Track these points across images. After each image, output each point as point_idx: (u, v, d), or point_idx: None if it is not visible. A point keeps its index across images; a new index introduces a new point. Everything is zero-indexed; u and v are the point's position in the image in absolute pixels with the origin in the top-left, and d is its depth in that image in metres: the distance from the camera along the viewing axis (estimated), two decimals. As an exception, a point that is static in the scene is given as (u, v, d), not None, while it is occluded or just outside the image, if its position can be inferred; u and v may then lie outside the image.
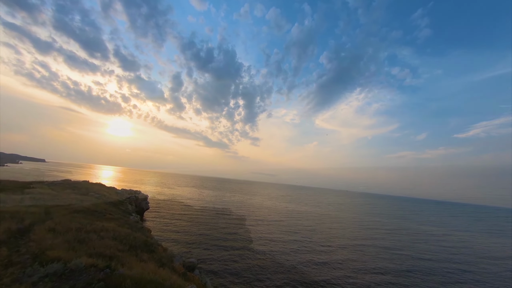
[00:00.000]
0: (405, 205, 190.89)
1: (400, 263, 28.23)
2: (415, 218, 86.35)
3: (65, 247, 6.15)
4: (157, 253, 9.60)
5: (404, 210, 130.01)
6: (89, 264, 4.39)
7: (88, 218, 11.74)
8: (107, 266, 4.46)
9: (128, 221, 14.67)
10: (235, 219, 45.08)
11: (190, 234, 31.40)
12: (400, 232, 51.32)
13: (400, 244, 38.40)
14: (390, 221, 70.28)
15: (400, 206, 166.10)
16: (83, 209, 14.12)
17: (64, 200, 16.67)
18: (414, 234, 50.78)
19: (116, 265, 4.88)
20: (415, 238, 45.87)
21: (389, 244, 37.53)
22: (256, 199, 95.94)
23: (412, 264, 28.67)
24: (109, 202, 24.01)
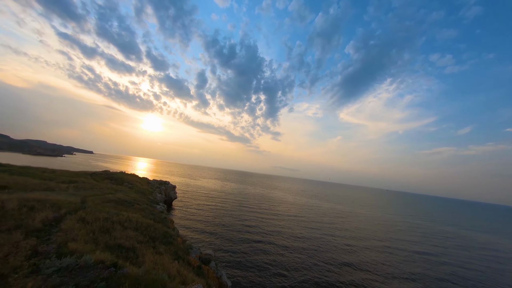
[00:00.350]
0: (443, 206, 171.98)
1: (436, 271, 25.38)
2: (455, 221, 77.07)
3: (87, 238, 6.57)
4: (175, 245, 9.90)
5: (441, 211, 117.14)
6: (99, 260, 4.53)
7: (117, 208, 12.71)
8: (113, 264, 4.55)
9: (153, 211, 15.59)
10: (255, 212, 45.55)
11: (212, 225, 32.56)
12: (439, 236, 46.15)
13: (437, 250, 34.49)
14: (425, 223, 63.87)
15: (436, 207, 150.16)
16: (115, 198, 15.39)
17: (101, 190, 18.47)
18: (455, 239, 45.27)
19: (124, 262, 4.98)
20: (456, 243, 40.89)
21: (424, 249, 33.92)
22: (277, 193, 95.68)
23: (450, 272, 25.58)
24: (139, 192, 26.06)
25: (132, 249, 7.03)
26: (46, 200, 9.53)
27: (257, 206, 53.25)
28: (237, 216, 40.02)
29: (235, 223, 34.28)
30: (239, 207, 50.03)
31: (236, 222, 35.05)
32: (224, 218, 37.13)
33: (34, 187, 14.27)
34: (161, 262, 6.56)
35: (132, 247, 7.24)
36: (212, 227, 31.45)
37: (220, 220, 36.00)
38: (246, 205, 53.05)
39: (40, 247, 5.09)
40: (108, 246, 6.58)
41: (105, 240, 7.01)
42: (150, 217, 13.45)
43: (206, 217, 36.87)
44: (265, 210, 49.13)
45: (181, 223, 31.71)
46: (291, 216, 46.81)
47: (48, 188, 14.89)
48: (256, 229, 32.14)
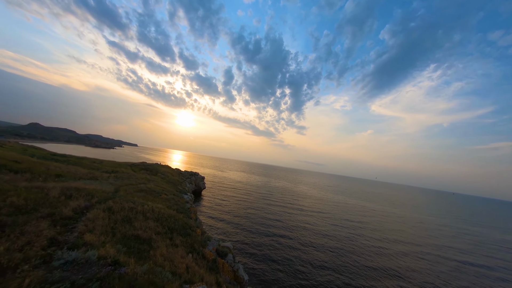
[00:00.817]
0: (503, 211, 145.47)
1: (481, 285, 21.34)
2: None
3: (106, 229, 6.87)
4: (192, 237, 9.97)
5: (502, 217, 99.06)
6: (102, 255, 4.53)
7: (145, 198, 13.52)
8: (114, 261, 4.49)
9: (178, 201, 16.30)
10: (279, 206, 44.98)
11: (235, 216, 33.16)
12: (498, 246, 38.80)
13: (495, 263, 28.87)
14: (480, 230, 54.68)
15: (493, 211, 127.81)
16: (146, 188, 16.53)
17: (136, 180, 20.17)
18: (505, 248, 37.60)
19: (128, 259, 4.92)
20: None
21: (478, 260, 28.63)
22: (301, 187, 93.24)
23: None
24: (170, 182, 27.89)
25: (148, 241, 7.17)
26: (84, 189, 10.55)
27: (280, 200, 52.61)
28: (261, 208, 40.08)
29: (258, 216, 34.29)
30: (263, 199, 50.11)
31: (259, 215, 35.05)
32: (247, 210, 37.55)
33: (81, 176, 16.20)
34: (171, 257, 6.50)
35: (149, 238, 7.40)
36: (235, 218, 31.99)
37: (243, 211, 36.50)
38: (270, 198, 52.86)
39: (61, 236, 5.40)
40: (125, 237, 6.81)
41: (124, 230, 7.29)
42: (174, 207, 14.00)
43: (230, 208, 37.80)
44: (289, 204, 48.21)
45: (207, 213, 33.12)
46: (315, 211, 44.94)
47: (92, 177, 16.78)
48: (279, 223, 31.59)
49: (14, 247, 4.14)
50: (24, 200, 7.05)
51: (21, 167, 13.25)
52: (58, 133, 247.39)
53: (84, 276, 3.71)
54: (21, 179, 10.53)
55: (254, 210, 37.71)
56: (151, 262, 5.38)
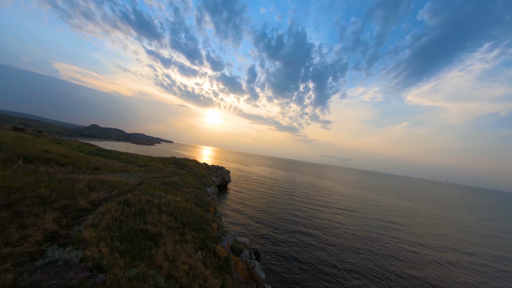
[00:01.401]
0: None
1: None
2: None
3: (112, 223, 6.68)
4: (206, 232, 9.47)
5: None
6: (87, 256, 4.08)
7: (167, 190, 13.67)
8: (96, 265, 3.99)
9: (198, 195, 16.28)
10: (302, 201, 43.00)
11: (258, 210, 32.61)
12: None
13: None
14: (544, 236, 44.06)
15: None
16: (170, 181, 16.94)
17: (163, 173, 21.08)
18: None
19: (117, 261, 4.41)
20: None
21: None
22: (326, 183, 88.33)
23: None
24: (195, 175, 28.72)
25: (155, 236, 6.81)
26: (110, 181, 11.00)
27: (305, 195, 50.35)
28: (284, 203, 38.79)
29: (281, 211, 33.13)
30: (286, 194, 48.61)
31: (282, 210, 33.86)
32: (270, 205, 36.69)
33: (116, 169, 17.42)
34: (175, 256, 5.94)
35: (157, 233, 7.05)
36: (258, 212, 31.40)
37: (266, 206, 35.76)
38: (294, 193, 51.02)
39: (63, 230, 5.25)
40: (131, 231, 6.54)
41: (132, 225, 7.05)
42: (193, 200, 13.87)
43: (253, 202, 37.45)
44: (313, 200, 45.74)
45: (230, 206, 33.33)
46: (342, 208, 41.62)
47: (125, 170, 17.95)
48: (303, 220, 29.90)
49: (9, 241, 4.01)
50: (50, 191, 7.42)
51: (67, 161, 14.72)
52: (110, 132, 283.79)
53: (57, 283, 3.27)
54: (62, 171, 11.55)
55: (277, 205, 36.68)
56: (144, 264, 4.85)
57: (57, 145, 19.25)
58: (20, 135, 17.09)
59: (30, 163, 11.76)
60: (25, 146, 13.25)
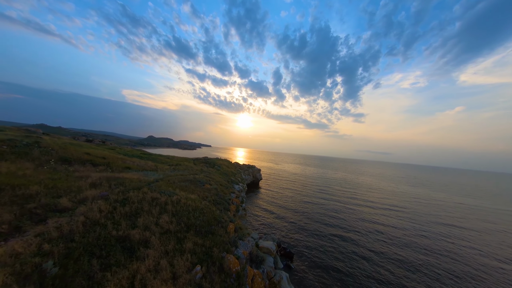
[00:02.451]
0: None
1: None
2: None
3: (75, 230, 5.11)
4: (215, 236, 7.32)
5: None
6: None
7: (185, 187, 12.30)
8: None
9: (220, 192, 14.54)
10: (338, 199, 37.47)
11: (289, 209, 29.35)
12: None
13: None
14: None
15: None
16: (192, 178, 15.80)
17: (190, 171, 20.45)
18: None
19: None
20: None
21: None
22: (364, 179, 77.26)
23: None
24: (223, 173, 27.66)
25: (137, 246, 4.99)
26: (122, 178, 10.18)
27: (340, 193, 44.13)
28: (317, 202, 34.32)
29: (314, 210, 29.03)
30: (320, 192, 43.49)
31: (315, 209, 29.69)
32: (303, 203, 32.87)
33: (146, 168, 17.38)
34: (146, 281, 3.89)
35: (143, 241, 5.23)
36: (289, 212, 28.16)
37: (298, 204, 32.13)
38: (327, 191, 45.36)
39: (24, 228, 3.83)
40: (102, 240, 4.84)
41: (108, 231, 5.38)
42: (212, 198, 12.08)
43: (285, 201, 34.29)
44: (351, 199, 39.42)
45: (260, 205, 31.04)
46: (387, 207, 34.32)
47: (153, 169, 17.83)
48: (340, 221, 25.17)
49: None
50: (45, 188, 6.61)
51: (103, 162, 15.14)
52: (162, 141, 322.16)
53: None
54: (88, 170, 11.51)
55: (310, 204, 32.57)
56: None
57: (103, 150, 20.71)
58: (73, 141, 19.00)
59: (67, 163, 12.12)
60: (69, 150, 14.11)
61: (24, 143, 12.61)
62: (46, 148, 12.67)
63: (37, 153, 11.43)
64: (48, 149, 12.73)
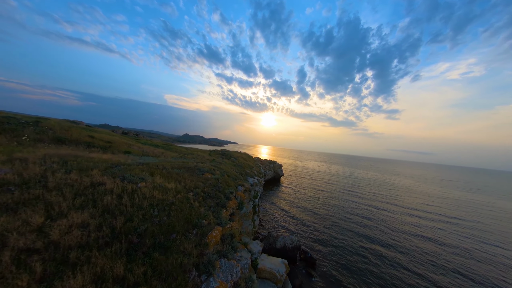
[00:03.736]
0: None
1: None
2: None
3: None
4: (172, 255, 3.96)
5: None
6: None
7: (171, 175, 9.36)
8: None
9: (223, 182, 11.27)
10: (369, 203, 30.48)
11: (311, 210, 24.44)
12: None
13: None
14: None
15: None
16: (192, 166, 12.99)
17: (197, 159, 17.95)
18: None
19: None
20: None
21: None
22: (401, 180, 64.56)
23: None
24: (238, 165, 24.67)
25: None
26: (90, 158, 7.82)
27: (371, 195, 36.40)
28: (344, 203, 28.28)
29: (341, 214, 23.44)
30: (347, 192, 36.70)
31: (342, 212, 24.03)
32: (328, 204, 27.39)
33: (148, 153, 15.47)
34: None
35: None
36: (311, 213, 23.27)
37: (323, 205, 26.86)
38: (356, 191, 38.06)
39: None
40: None
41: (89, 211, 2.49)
42: (204, 189, 8.84)
43: (308, 199, 29.37)
44: (386, 203, 31.70)
45: (279, 203, 26.97)
46: (437, 217, 25.93)
47: (157, 155, 15.84)
48: (373, 230, 18.97)
49: None
50: None
51: (104, 145, 13.70)
52: (195, 138, 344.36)
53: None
54: (67, 149, 9.75)
55: (336, 206, 26.84)
56: None
57: (120, 137, 19.93)
58: (78, 126, 18.33)
59: (60, 143, 10.67)
60: (69, 132, 13.06)
61: (22, 122, 11.89)
62: (43, 128, 11.72)
63: (29, 131, 10.26)
64: (45, 128, 11.76)
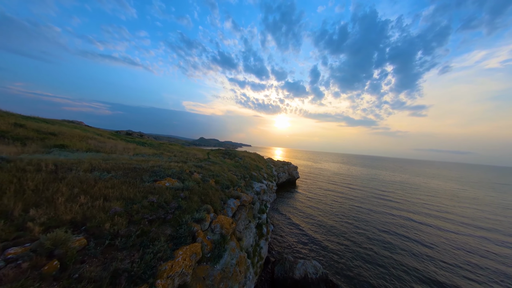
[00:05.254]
0: None
1: None
2: None
3: None
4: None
5: None
6: None
7: (90, 184, 4.51)
8: None
9: (176, 195, 6.12)
10: (409, 214, 22.54)
11: (334, 220, 17.94)
12: None
13: None
14: None
15: None
16: (152, 166, 8.06)
17: (181, 158, 13.16)
18: None
19: None
20: None
21: None
22: (440, 184, 52.81)
23: None
24: (242, 166, 19.42)
25: None
26: None
27: (409, 202, 27.93)
28: (377, 215, 21.01)
29: (375, 227, 16.64)
30: (377, 199, 28.84)
31: (374, 223, 17.19)
32: (354, 212, 20.50)
33: (105, 150, 11.05)
34: None
35: None
36: (335, 223, 16.88)
37: (348, 213, 20.10)
38: (388, 198, 29.87)
39: None
40: None
41: None
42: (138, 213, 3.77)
43: (328, 206, 22.78)
44: (432, 216, 23.18)
45: (295, 210, 20.91)
46: (484, 224, 17.24)
47: (121, 152, 11.35)
48: (420, 246, 12.15)
49: None
50: None
51: (44, 137, 9.56)
52: (210, 142, 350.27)
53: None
54: None
55: (364, 215, 19.88)
56: None
57: (75, 129, 15.97)
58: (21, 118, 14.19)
59: None
60: None
61: None
62: None
63: None
64: None
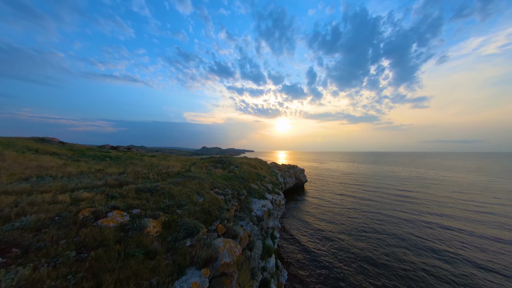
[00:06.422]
0: None
1: None
2: None
3: None
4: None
5: None
6: None
7: None
8: None
9: None
10: (431, 211, 17.95)
11: (355, 230, 13.76)
12: None
13: None
14: None
15: None
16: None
17: (143, 173, 9.63)
18: None
19: None
20: None
21: None
22: (462, 177, 47.18)
23: None
24: (240, 177, 15.68)
25: None
26: None
27: (436, 202, 23.02)
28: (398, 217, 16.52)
29: (401, 235, 12.42)
30: (396, 200, 24.17)
31: (402, 233, 12.93)
32: (376, 223, 16.19)
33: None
34: None
35: None
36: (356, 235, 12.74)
37: (369, 221, 15.80)
38: (410, 199, 24.90)
39: None
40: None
41: None
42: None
43: (345, 213, 18.48)
44: (471, 221, 18.44)
45: (306, 223, 16.81)
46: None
47: (51, 173, 7.91)
48: (469, 265, 7.83)
49: None
50: None
51: None
52: (213, 150, 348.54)
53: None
54: None
55: (375, 215, 15.64)
56: None
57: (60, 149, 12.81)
58: None
59: None
60: None
61: None
62: None
63: None
64: None
